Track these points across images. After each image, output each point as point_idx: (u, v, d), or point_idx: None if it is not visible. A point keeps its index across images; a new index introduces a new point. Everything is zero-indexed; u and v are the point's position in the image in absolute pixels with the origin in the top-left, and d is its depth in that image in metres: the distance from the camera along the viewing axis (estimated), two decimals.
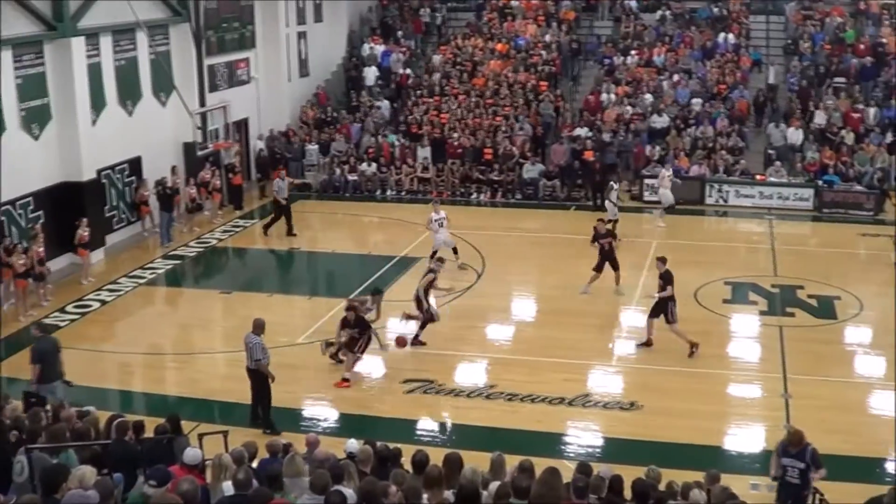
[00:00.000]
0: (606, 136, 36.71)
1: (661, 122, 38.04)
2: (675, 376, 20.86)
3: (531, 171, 35.94)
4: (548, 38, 42.89)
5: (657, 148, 36.68)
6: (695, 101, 38.96)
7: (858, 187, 34.56)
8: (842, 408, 19.43)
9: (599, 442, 18.24)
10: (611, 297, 25.54)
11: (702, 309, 24.46)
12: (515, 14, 45.12)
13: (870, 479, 15.57)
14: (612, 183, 32.20)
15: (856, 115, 37.59)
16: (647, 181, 35.23)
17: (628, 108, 38.81)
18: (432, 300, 22.82)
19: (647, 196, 35.01)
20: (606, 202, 31.17)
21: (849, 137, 36.71)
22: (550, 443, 17.96)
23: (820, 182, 34.93)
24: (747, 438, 18.31)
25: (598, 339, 22.75)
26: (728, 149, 36.53)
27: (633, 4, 45.12)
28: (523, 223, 33.27)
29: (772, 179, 34.81)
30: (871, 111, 37.91)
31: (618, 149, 36.74)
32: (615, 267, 25.64)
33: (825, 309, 24.85)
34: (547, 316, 24.52)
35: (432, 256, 26.38)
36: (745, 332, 23.56)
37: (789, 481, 13.77)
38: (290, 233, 31.44)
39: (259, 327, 18.29)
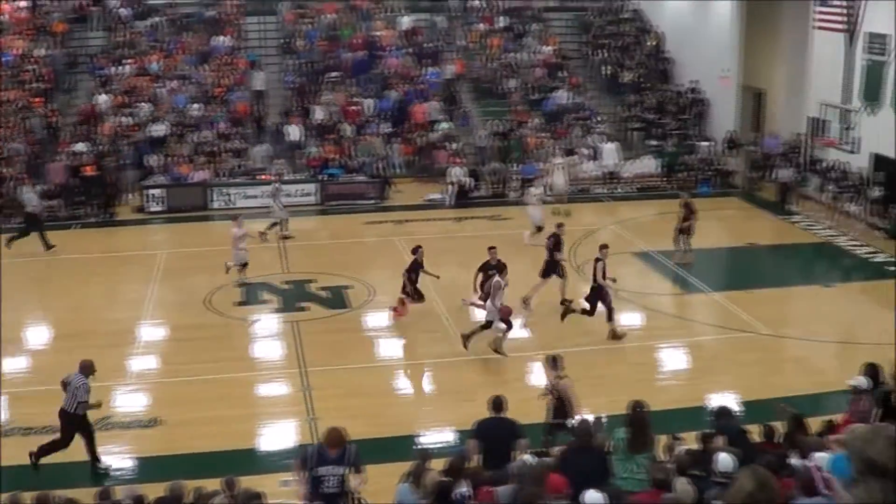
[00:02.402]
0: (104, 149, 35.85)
1: (159, 129, 37.52)
2: (197, 386, 20.60)
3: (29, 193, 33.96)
4: (39, 52, 40.89)
5: (157, 156, 36.19)
6: (194, 105, 38.79)
7: (361, 178, 35.83)
8: (362, 393, 20.12)
9: (125, 464, 17.61)
10: (125, 313, 24.89)
11: (215, 314, 24.33)
12: (3, 29, 42.71)
13: (395, 458, 15.87)
14: (276, 185, 31.86)
15: (353, 108, 39.02)
16: (149, 192, 34.72)
17: (126, 118, 37.97)
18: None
19: (152, 207, 34.56)
20: (273, 203, 31.05)
21: (348, 130, 37.96)
22: (76, 473, 16.94)
23: (323, 176, 35.87)
24: (274, 437, 18.51)
25: (114, 357, 21.89)
26: (230, 151, 36.68)
27: (125, 13, 43.91)
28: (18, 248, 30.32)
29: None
30: (369, 103, 39.46)
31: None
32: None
33: (337, 299, 25.58)
34: (62, 341, 23.42)
35: None
36: (262, 331, 23.69)
37: (326, 492, 12.11)
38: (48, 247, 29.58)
39: (86, 368, 16.85)
